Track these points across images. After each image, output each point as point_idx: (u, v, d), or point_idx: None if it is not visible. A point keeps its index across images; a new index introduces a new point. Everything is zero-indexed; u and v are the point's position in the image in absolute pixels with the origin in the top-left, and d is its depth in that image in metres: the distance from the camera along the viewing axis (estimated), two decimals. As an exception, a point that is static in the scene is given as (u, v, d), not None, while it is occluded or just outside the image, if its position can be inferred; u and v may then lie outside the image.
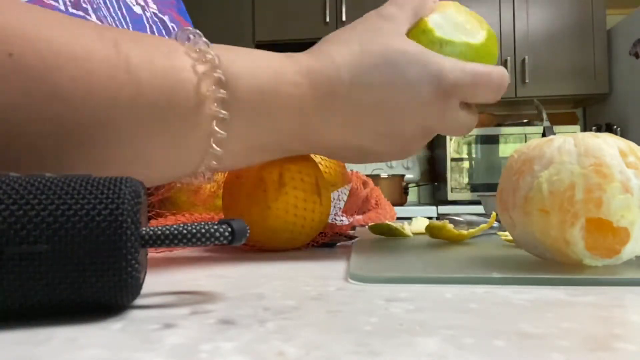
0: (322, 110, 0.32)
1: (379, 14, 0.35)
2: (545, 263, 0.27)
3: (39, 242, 0.17)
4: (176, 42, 0.30)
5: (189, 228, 0.19)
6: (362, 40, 0.33)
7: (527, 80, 2.45)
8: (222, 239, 0.20)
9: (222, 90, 0.29)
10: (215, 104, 0.29)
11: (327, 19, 2.49)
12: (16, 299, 0.17)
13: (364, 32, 0.34)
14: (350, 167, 1.01)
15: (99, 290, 0.18)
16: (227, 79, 0.29)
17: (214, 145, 0.30)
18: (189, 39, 0.30)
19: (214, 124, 0.29)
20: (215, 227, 0.20)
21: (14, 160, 0.25)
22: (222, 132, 0.29)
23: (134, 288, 0.18)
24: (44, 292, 0.17)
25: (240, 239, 0.20)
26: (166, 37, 0.55)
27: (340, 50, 0.33)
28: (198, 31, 0.30)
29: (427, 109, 0.33)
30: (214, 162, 0.31)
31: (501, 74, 0.34)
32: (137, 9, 0.53)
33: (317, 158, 0.43)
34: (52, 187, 0.18)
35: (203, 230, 0.19)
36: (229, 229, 0.20)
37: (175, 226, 0.19)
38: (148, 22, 0.53)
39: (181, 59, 0.28)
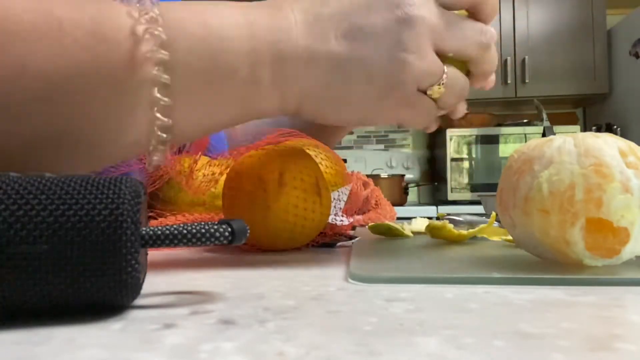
0: (278, 60, 0.30)
1: None
2: (545, 263, 0.27)
3: (38, 242, 0.17)
4: (118, 3, 0.27)
5: (189, 228, 0.19)
6: None
7: (527, 80, 2.45)
8: (222, 239, 0.20)
9: (162, 51, 0.26)
10: (156, 68, 0.26)
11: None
12: (16, 299, 0.17)
13: None
14: (351, 167, 1.01)
15: (99, 290, 0.18)
16: (169, 38, 0.26)
17: (157, 114, 0.27)
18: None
19: (156, 91, 0.26)
20: (215, 227, 0.20)
21: None
22: (165, 98, 0.27)
23: (134, 288, 0.18)
24: (44, 292, 0.17)
25: (240, 239, 0.20)
26: None
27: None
28: None
29: (391, 31, 0.31)
30: (163, 135, 0.27)
31: (481, 25, 0.33)
32: None
33: (317, 158, 0.43)
34: (52, 187, 0.18)
35: (203, 230, 0.19)
36: (229, 229, 0.20)
37: (175, 226, 0.19)
38: None
39: (118, 18, 0.26)
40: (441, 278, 0.24)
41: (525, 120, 2.48)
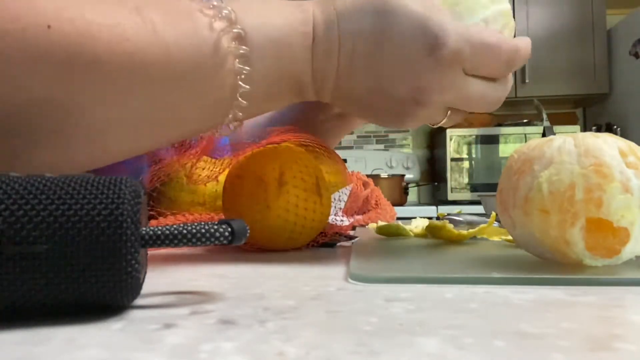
0: (324, 59, 0.33)
1: None
2: (545, 263, 0.27)
3: (38, 242, 0.17)
4: (189, 2, 0.30)
5: (189, 228, 0.19)
6: None
7: (527, 80, 2.45)
8: (222, 239, 0.20)
9: (243, 47, 0.30)
10: (237, 60, 0.30)
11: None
12: (16, 299, 0.17)
13: None
14: (351, 167, 1.01)
15: (99, 290, 0.18)
16: (245, 32, 0.30)
17: (239, 98, 0.31)
18: None
19: (239, 80, 0.30)
20: (215, 227, 0.20)
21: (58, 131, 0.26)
22: (246, 86, 0.30)
23: (134, 288, 0.18)
24: (44, 292, 0.17)
25: (240, 239, 0.20)
26: None
27: None
28: None
29: (419, 69, 0.31)
30: (240, 114, 0.32)
31: (514, 48, 0.32)
32: None
33: (318, 158, 0.43)
34: (52, 187, 0.18)
35: (203, 230, 0.19)
36: (229, 229, 0.20)
37: (175, 226, 0.19)
38: None
39: (198, 18, 0.29)
40: (441, 278, 0.24)
41: (525, 120, 2.48)
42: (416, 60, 0.31)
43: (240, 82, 0.30)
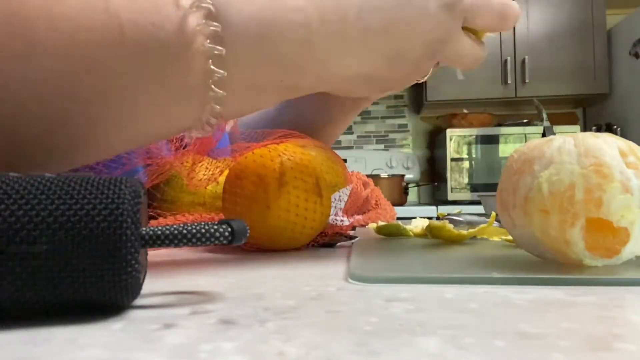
0: (329, 37, 0.30)
1: None
2: (545, 263, 0.27)
3: (39, 242, 0.17)
4: None
5: (189, 228, 0.19)
6: None
7: (527, 80, 2.45)
8: (222, 239, 0.20)
9: (213, 23, 0.26)
10: (208, 40, 0.26)
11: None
12: (16, 299, 0.17)
13: None
14: (351, 167, 1.01)
15: (99, 290, 0.18)
16: (218, 9, 0.26)
17: (213, 86, 0.27)
18: None
19: (210, 63, 0.26)
20: (215, 227, 0.20)
21: (8, 128, 0.24)
22: (220, 70, 0.27)
23: (134, 288, 0.18)
24: (44, 292, 0.17)
25: (240, 239, 0.20)
26: None
27: None
28: None
29: (433, 21, 0.32)
30: (217, 107, 0.28)
31: (510, 3, 0.34)
32: None
33: (318, 158, 0.43)
34: (52, 187, 0.18)
35: (203, 230, 0.19)
36: (229, 229, 0.20)
37: (175, 226, 0.19)
38: None
39: None
40: (441, 278, 0.24)
41: (525, 120, 2.48)
42: (429, 12, 0.32)
43: (212, 67, 0.26)
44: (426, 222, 0.49)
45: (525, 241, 0.28)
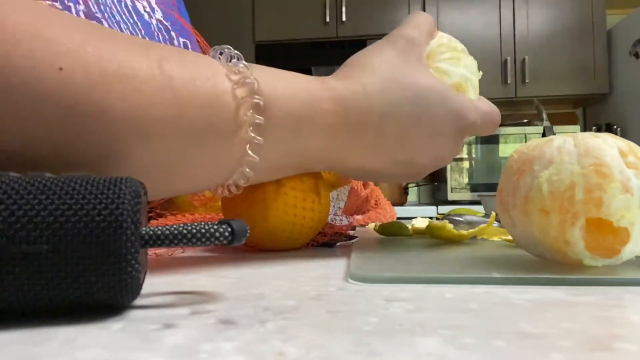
0: (350, 137, 0.34)
1: (403, 36, 0.36)
2: (545, 263, 0.27)
3: (38, 242, 0.17)
4: (216, 63, 0.30)
5: (189, 228, 0.19)
6: (392, 69, 0.35)
7: (527, 80, 2.45)
8: (222, 239, 0.20)
9: (259, 117, 0.29)
10: (251, 129, 0.29)
11: (327, 19, 2.49)
12: (16, 299, 0.17)
13: (392, 59, 0.35)
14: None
15: (99, 290, 0.18)
16: (265, 104, 0.30)
17: (246, 168, 0.31)
18: (229, 58, 0.30)
19: (248, 148, 0.30)
20: (215, 227, 0.20)
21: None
22: (254, 156, 0.30)
23: (134, 288, 0.18)
24: (44, 292, 0.17)
25: (240, 239, 0.20)
26: (168, 43, 0.55)
27: (371, 78, 0.34)
28: (238, 52, 0.31)
29: (445, 142, 0.36)
30: (242, 181, 0.32)
31: (497, 112, 0.40)
32: (146, 16, 0.53)
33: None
34: (52, 187, 0.18)
35: (203, 231, 0.19)
36: (229, 229, 0.20)
37: (175, 226, 0.19)
38: (155, 29, 0.54)
39: (222, 82, 0.29)
40: (441, 278, 0.24)
41: (525, 120, 2.48)
42: (443, 134, 0.36)
43: (249, 151, 0.30)
44: (426, 222, 0.49)
45: (525, 241, 0.28)
